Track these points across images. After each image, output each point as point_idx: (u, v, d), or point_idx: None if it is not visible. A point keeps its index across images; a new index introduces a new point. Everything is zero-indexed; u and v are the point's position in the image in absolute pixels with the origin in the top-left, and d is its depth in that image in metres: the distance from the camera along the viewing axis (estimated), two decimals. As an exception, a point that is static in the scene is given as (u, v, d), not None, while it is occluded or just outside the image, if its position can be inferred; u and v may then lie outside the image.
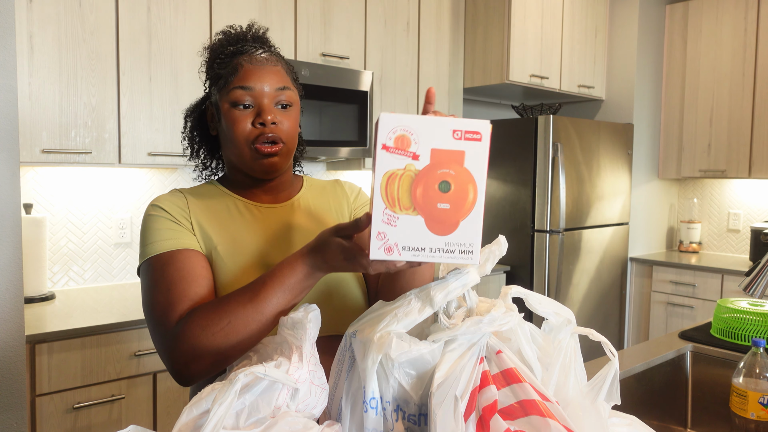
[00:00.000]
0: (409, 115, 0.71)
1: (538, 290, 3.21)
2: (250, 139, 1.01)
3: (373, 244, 0.71)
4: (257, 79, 1.01)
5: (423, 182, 0.71)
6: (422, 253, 0.71)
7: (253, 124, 1.01)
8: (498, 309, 0.74)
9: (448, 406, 0.67)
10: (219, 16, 2.39)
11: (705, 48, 3.76)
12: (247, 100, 1.01)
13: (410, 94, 3.10)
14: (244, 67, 1.02)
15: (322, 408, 0.77)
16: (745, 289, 1.47)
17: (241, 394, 0.68)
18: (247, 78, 1.01)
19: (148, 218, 1.01)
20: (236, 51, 1.05)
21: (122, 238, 2.51)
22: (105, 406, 1.90)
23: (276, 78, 1.03)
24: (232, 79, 1.02)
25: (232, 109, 1.01)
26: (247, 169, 1.04)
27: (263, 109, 1.01)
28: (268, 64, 1.04)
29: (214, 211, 1.05)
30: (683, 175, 3.90)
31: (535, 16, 3.31)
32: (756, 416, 1.24)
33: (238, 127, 1.01)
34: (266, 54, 1.05)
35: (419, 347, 0.72)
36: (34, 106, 2.00)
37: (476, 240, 0.72)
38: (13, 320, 1.60)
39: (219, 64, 1.06)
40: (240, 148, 1.02)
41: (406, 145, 0.71)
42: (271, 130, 1.01)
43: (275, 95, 1.03)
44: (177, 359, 0.88)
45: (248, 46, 1.06)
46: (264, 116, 1.00)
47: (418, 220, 0.71)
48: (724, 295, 3.45)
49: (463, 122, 0.71)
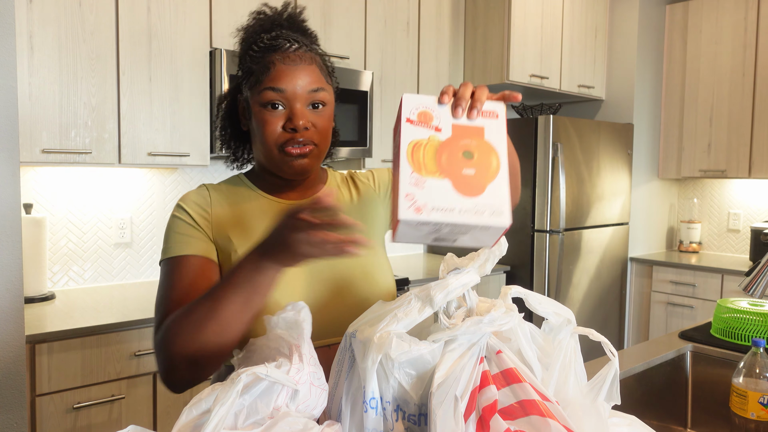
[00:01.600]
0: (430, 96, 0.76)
1: (538, 290, 3.21)
2: (279, 142, 0.97)
3: (402, 205, 0.69)
4: (289, 80, 0.96)
5: (447, 150, 0.73)
6: (451, 214, 0.70)
7: (284, 127, 0.97)
8: (498, 309, 0.74)
9: (448, 406, 0.67)
10: (219, 16, 2.39)
11: (705, 48, 3.76)
12: (278, 102, 0.97)
13: (410, 94, 3.10)
14: (277, 66, 0.97)
15: (322, 408, 0.77)
16: (745, 289, 1.47)
17: (240, 395, 0.68)
18: (278, 79, 0.96)
19: (171, 219, 1.02)
20: (269, 46, 0.99)
21: (122, 238, 2.51)
22: (105, 406, 1.90)
23: (310, 78, 0.98)
24: (263, 78, 0.97)
25: (262, 110, 0.97)
26: (275, 170, 1.02)
27: (294, 113, 0.96)
28: (302, 63, 0.98)
29: (237, 211, 1.04)
30: (683, 175, 3.90)
31: (535, 16, 3.31)
32: (756, 416, 1.24)
33: (267, 129, 0.97)
34: (301, 50, 0.99)
35: (419, 347, 0.72)
36: (34, 106, 2.00)
37: (506, 200, 0.72)
38: (13, 320, 1.60)
39: (251, 58, 1.01)
40: (269, 150, 0.99)
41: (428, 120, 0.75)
42: (302, 135, 0.97)
43: (308, 97, 0.98)
44: (159, 369, 0.88)
45: (282, 40, 0.99)
46: (295, 121, 0.96)
47: (445, 182, 0.71)
48: (724, 295, 3.45)
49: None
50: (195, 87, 2.34)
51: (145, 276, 2.60)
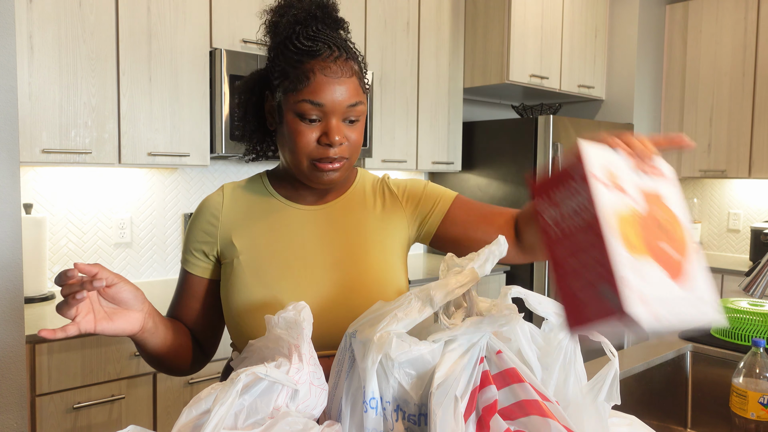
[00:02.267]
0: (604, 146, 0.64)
1: (538, 290, 3.21)
2: (313, 156, 0.94)
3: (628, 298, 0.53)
4: (329, 94, 0.92)
5: (646, 223, 0.60)
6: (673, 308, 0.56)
7: (319, 141, 0.94)
8: (498, 309, 0.74)
9: (448, 406, 0.67)
10: (219, 16, 2.39)
11: (705, 48, 3.76)
12: (315, 116, 0.93)
13: (410, 94, 3.10)
14: (317, 77, 0.92)
15: (322, 408, 0.77)
16: (745, 289, 1.47)
17: (239, 394, 0.68)
18: (318, 93, 0.92)
19: (189, 224, 1.09)
20: (309, 50, 0.93)
21: (122, 238, 2.51)
22: (105, 406, 1.90)
23: (349, 93, 0.94)
24: (301, 87, 0.92)
25: (297, 120, 0.94)
26: (303, 179, 0.99)
27: (331, 128, 0.93)
28: (343, 76, 0.93)
29: (246, 216, 1.04)
30: (683, 175, 3.90)
31: (535, 16, 3.31)
32: (756, 416, 1.23)
33: (301, 141, 0.94)
34: (341, 59, 0.94)
35: (419, 347, 0.72)
36: (34, 106, 2.00)
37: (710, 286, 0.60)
38: (13, 320, 1.60)
39: (287, 59, 0.94)
40: (299, 162, 0.96)
41: (615, 180, 0.61)
42: (337, 151, 0.94)
43: (346, 112, 0.94)
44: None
45: (321, 45, 0.93)
46: (331, 137, 0.92)
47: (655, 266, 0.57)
48: (724, 295, 3.45)
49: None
50: (195, 87, 2.33)
51: (145, 276, 2.60)
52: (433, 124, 3.22)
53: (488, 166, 3.40)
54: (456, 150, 3.36)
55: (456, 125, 3.35)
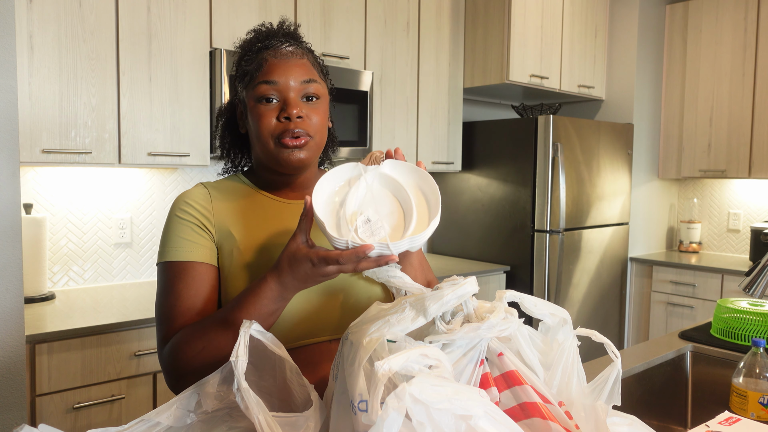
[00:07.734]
0: None
1: (538, 290, 3.21)
2: (275, 133, 0.99)
3: None
4: (282, 73, 0.99)
5: None
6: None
7: (278, 118, 0.99)
8: (497, 315, 0.74)
9: (449, 407, 0.67)
10: (219, 16, 2.39)
11: (705, 48, 3.76)
12: (272, 95, 0.99)
13: (410, 94, 3.10)
14: (269, 61, 1.00)
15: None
16: (745, 289, 1.47)
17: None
18: (271, 72, 0.99)
19: (172, 219, 1.01)
20: (263, 46, 1.03)
21: (122, 238, 2.51)
22: (105, 406, 1.90)
23: (301, 71, 1.01)
24: (257, 74, 1.00)
25: (257, 105, 1.00)
26: (273, 164, 1.02)
27: (288, 102, 0.99)
28: (294, 57, 1.02)
29: (237, 206, 1.04)
30: (683, 175, 3.90)
31: (535, 16, 3.31)
32: (756, 416, 1.24)
33: (263, 122, 0.99)
34: (292, 47, 1.03)
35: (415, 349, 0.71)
36: (34, 106, 2.00)
37: None
38: (13, 320, 1.60)
39: (246, 61, 1.04)
40: (265, 143, 1.00)
41: None
42: (297, 124, 0.98)
43: (301, 88, 1.00)
44: (166, 376, 0.96)
45: (274, 41, 1.04)
46: (289, 110, 0.98)
47: None
48: (724, 295, 3.45)
49: None
50: (195, 87, 2.33)
51: (145, 276, 2.60)
52: (432, 124, 3.22)
53: (488, 166, 3.40)
54: (456, 150, 3.36)
55: (456, 125, 3.35)
